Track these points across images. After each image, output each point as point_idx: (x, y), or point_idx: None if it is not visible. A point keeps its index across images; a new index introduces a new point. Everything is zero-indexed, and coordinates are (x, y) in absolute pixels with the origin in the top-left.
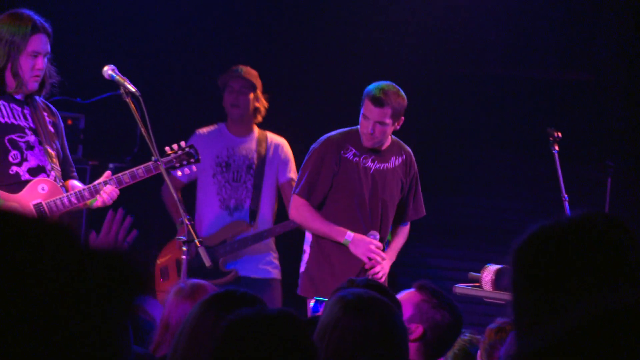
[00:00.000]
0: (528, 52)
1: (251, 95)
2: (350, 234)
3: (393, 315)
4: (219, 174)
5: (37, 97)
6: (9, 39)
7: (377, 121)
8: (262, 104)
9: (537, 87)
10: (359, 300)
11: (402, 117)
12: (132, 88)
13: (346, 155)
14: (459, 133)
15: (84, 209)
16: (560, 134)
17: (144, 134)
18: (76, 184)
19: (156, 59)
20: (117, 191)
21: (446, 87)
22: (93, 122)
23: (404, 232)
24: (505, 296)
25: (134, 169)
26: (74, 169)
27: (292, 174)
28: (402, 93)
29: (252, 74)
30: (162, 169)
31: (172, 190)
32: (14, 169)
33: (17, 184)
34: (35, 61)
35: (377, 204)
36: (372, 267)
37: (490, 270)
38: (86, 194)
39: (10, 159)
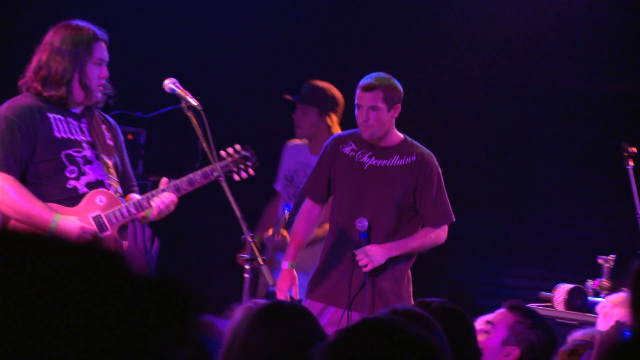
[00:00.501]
0: (601, 65)
1: (315, 116)
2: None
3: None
4: (287, 187)
5: (94, 110)
6: (72, 50)
7: (370, 106)
8: (332, 122)
9: (611, 100)
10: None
11: (399, 105)
12: (193, 102)
13: (344, 149)
14: (531, 148)
15: (143, 222)
16: (635, 149)
17: (206, 148)
18: (137, 197)
19: (218, 71)
20: (174, 198)
21: (517, 101)
22: (154, 137)
23: (422, 234)
24: (577, 316)
25: (191, 174)
26: (135, 184)
27: None
28: (395, 81)
29: (318, 92)
30: (222, 175)
31: (234, 205)
32: (72, 183)
33: (74, 198)
34: (100, 70)
35: (367, 198)
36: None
37: (562, 290)
38: (144, 203)
39: (67, 173)
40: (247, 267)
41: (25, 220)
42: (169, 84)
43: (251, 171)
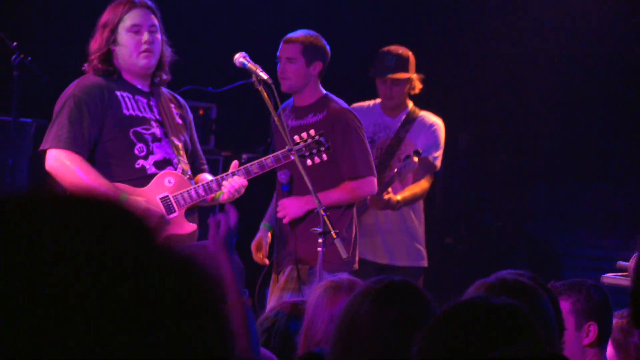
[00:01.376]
0: None
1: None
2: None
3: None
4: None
5: (163, 88)
6: (104, 22)
7: (287, 57)
8: (415, 83)
9: None
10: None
11: (320, 63)
12: (264, 75)
13: (283, 116)
14: (608, 118)
15: (212, 204)
16: None
17: (277, 122)
18: (207, 177)
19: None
20: (245, 182)
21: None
22: (225, 112)
23: (341, 186)
24: None
25: (262, 158)
26: (205, 162)
27: (428, 153)
28: (320, 39)
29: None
30: (296, 158)
31: (308, 181)
32: (140, 162)
33: (143, 178)
34: (139, 36)
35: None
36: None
37: None
38: (214, 185)
39: (136, 152)
40: (320, 240)
41: None
42: (239, 57)
43: (324, 156)
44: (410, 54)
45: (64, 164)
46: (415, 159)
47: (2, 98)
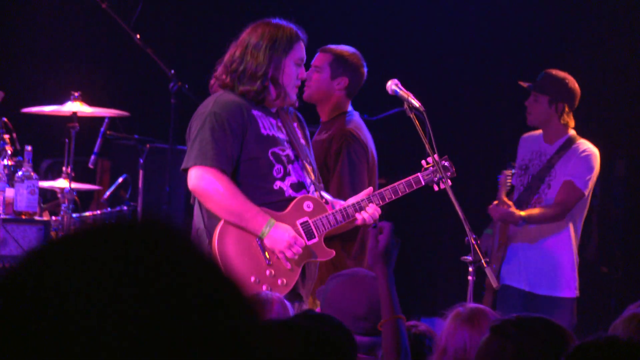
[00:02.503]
0: None
1: (545, 103)
2: None
3: None
4: (520, 177)
5: (287, 107)
6: (269, 45)
7: (315, 65)
8: (562, 111)
9: None
10: None
11: (346, 79)
12: (415, 103)
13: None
14: None
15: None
16: None
17: (429, 151)
18: (326, 196)
19: (442, 70)
20: (379, 210)
21: None
22: (380, 139)
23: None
24: None
25: (395, 184)
26: (321, 180)
27: (573, 177)
28: (359, 57)
29: (552, 80)
30: (422, 180)
31: (457, 207)
32: (278, 184)
33: (282, 201)
34: (299, 70)
35: None
36: None
37: None
38: (351, 211)
39: (275, 173)
40: (470, 269)
41: (238, 221)
42: (392, 85)
43: (449, 182)
44: (568, 83)
45: (211, 184)
46: (509, 172)
47: (160, 125)
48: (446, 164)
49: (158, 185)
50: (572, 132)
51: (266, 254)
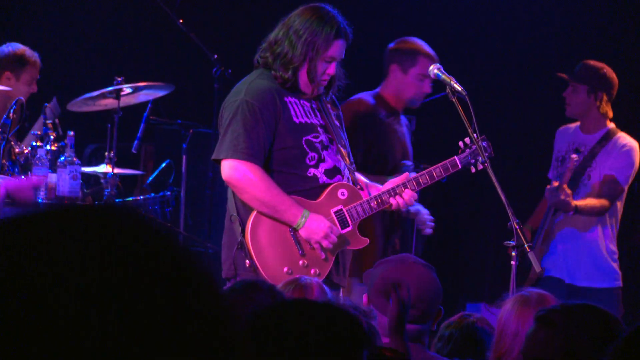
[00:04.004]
0: None
1: (584, 94)
2: None
3: None
4: (555, 169)
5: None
6: (309, 38)
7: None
8: (601, 101)
9: None
10: None
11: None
12: (458, 87)
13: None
14: None
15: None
16: None
17: (471, 135)
18: (360, 177)
19: (485, 56)
20: (415, 195)
21: None
22: (424, 124)
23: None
24: None
25: (431, 168)
26: (353, 161)
27: (616, 172)
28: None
29: (590, 70)
30: (489, 167)
31: (500, 191)
32: (312, 171)
33: (316, 188)
34: (329, 66)
35: None
36: None
37: None
38: (385, 197)
39: (307, 161)
40: (513, 254)
41: (272, 213)
42: (434, 69)
43: (487, 163)
44: (606, 73)
45: (245, 176)
46: (574, 156)
47: (203, 110)
48: (484, 144)
49: (201, 170)
50: (611, 124)
51: (300, 244)
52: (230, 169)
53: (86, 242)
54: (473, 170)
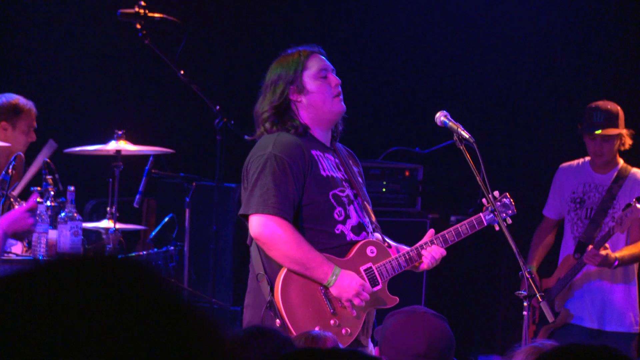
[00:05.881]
0: None
1: (614, 139)
2: None
3: None
4: (573, 211)
5: (338, 144)
6: (275, 78)
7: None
8: (625, 139)
9: None
10: None
11: None
12: (465, 134)
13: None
14: None
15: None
16: None
17: (480, 183)
18: (378, 236)
19: (489, 102)
20: (444, 252)
21: None
22: (432, 173)
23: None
24: None
25: (457, 225)
26: (375, 221)
27: None
28: None
29: (611, 114)
30: (502, 224)
31: (510, 240)
32: (339, 227)
33: (343, 246)
34: (328, 80)
35: None
36: None
37: None
38: (414, 255)
39: (336, 216)
40: (525, 304)
41: (302, 271)
42: (440, 116)
43: (509, 220)
44: (619, 108)
45: (274, 233)
46: (639, 205)
47: (206, 163)
48: (506, 201)
49: (205, 224)
50: (620, 159)
51: (331, 302)
52: (259, 224)
53: (94, 295)
54: (497, 227)
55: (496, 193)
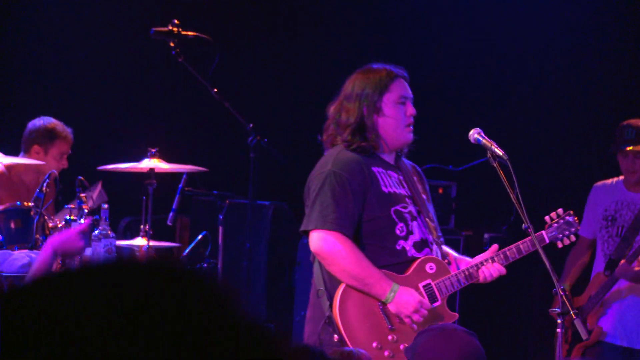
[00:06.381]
0: None
1: None
2: None
3: None
4: (604, 228)
5: (405, 160)
6: (359, 92)
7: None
8: None
9: None
10: None
11: None
12: (499, 152)
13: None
14: None
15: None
16: None
17: (514, 200)
18: (448, 250)
19: (525, 119)
20: (503, 270)
21: None
22: (465, 190)
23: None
24: None
25: (519, 242)
26: (441, 235)
27: None
28: None
29: None
30: (547, 238)
31: (544, 257)
32: (401, 243)
33: (404, 263)
34: (405, 108)
35: None
36: None
37: None
38: (473, 272)
39: (397, 232)
40: (559, 321)
41: (361, 287)
42: (474, 134)
43: (573, 238)
44: None
45: (334, 248)
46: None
47: (239, 180)
48: (570, 218)
49: (238, 241)
50: None
51: (389, 318)
52: (319, 240)
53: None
54: (560, 245)
55: (560, 210)
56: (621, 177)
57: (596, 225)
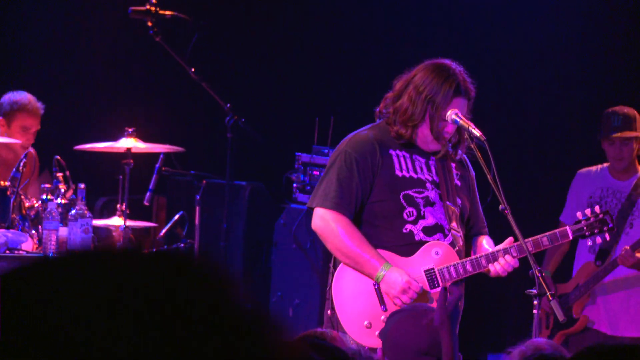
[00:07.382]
0: None
1: (633, 143)
2: None
3: None
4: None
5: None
6: (429, 95)
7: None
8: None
9: None
10: None
11: None
12: (476, 132)
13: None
14: None
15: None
16: None
17: (490, 181)
18: (484, 243)
19: (506, 108)
20: (516, 262)
21: None
22: None
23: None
24: None
25: (538, 236)
26: (485, 225)
27: None
28: None
29: (630, 118)
30: (571, 234)
31: (521, 240)
32: (408, 227)
33: (409, 245)
34: (447, 125)
35: None
36: None
37: None
38: (483, 262)
39: (405, 216)
40: (535, 302)
41: (353, 265)
42: (452, 114)
43: (607, 236)
44: (636, 113)
45: (329, 225)
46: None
47: (216, 161)
48: (607, 218)
49: (215, 221)
50: (639, 166)
51: (382, 299)
52: (317, 217)
53: (149, 289)
54: (589, 243)
55: (597, 208)
56: (606, 164)
57: (580, 211)
